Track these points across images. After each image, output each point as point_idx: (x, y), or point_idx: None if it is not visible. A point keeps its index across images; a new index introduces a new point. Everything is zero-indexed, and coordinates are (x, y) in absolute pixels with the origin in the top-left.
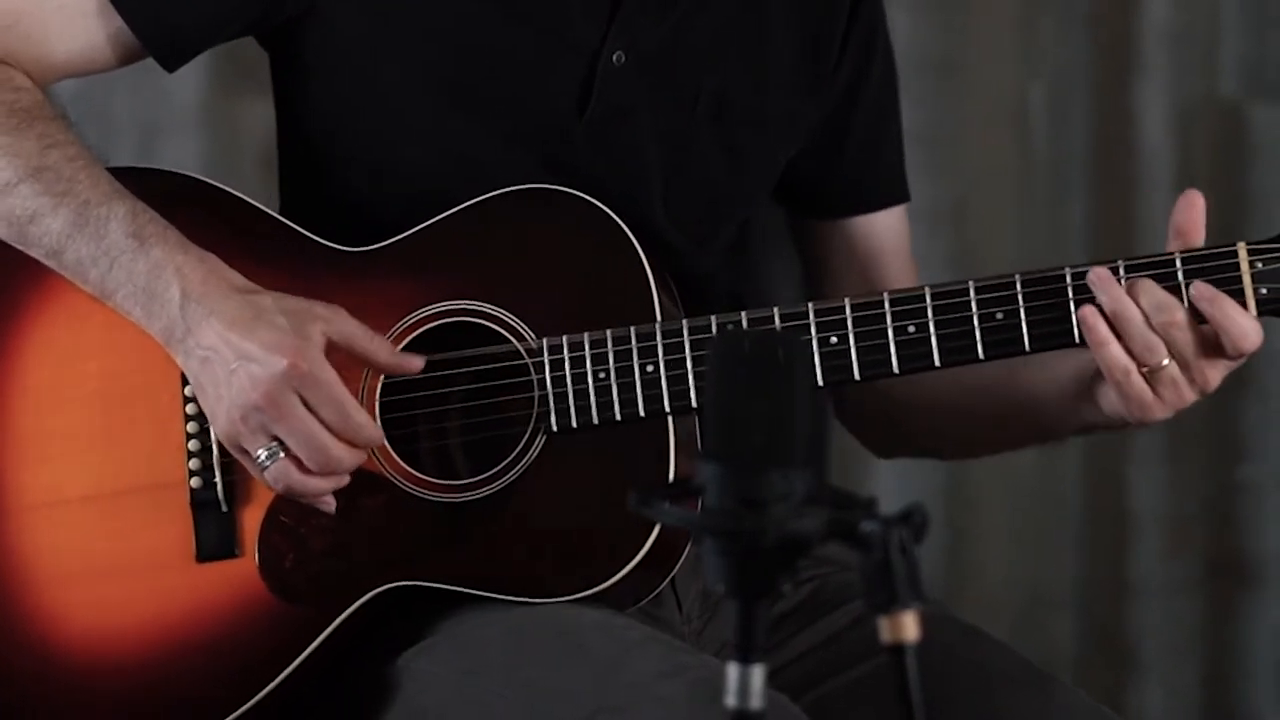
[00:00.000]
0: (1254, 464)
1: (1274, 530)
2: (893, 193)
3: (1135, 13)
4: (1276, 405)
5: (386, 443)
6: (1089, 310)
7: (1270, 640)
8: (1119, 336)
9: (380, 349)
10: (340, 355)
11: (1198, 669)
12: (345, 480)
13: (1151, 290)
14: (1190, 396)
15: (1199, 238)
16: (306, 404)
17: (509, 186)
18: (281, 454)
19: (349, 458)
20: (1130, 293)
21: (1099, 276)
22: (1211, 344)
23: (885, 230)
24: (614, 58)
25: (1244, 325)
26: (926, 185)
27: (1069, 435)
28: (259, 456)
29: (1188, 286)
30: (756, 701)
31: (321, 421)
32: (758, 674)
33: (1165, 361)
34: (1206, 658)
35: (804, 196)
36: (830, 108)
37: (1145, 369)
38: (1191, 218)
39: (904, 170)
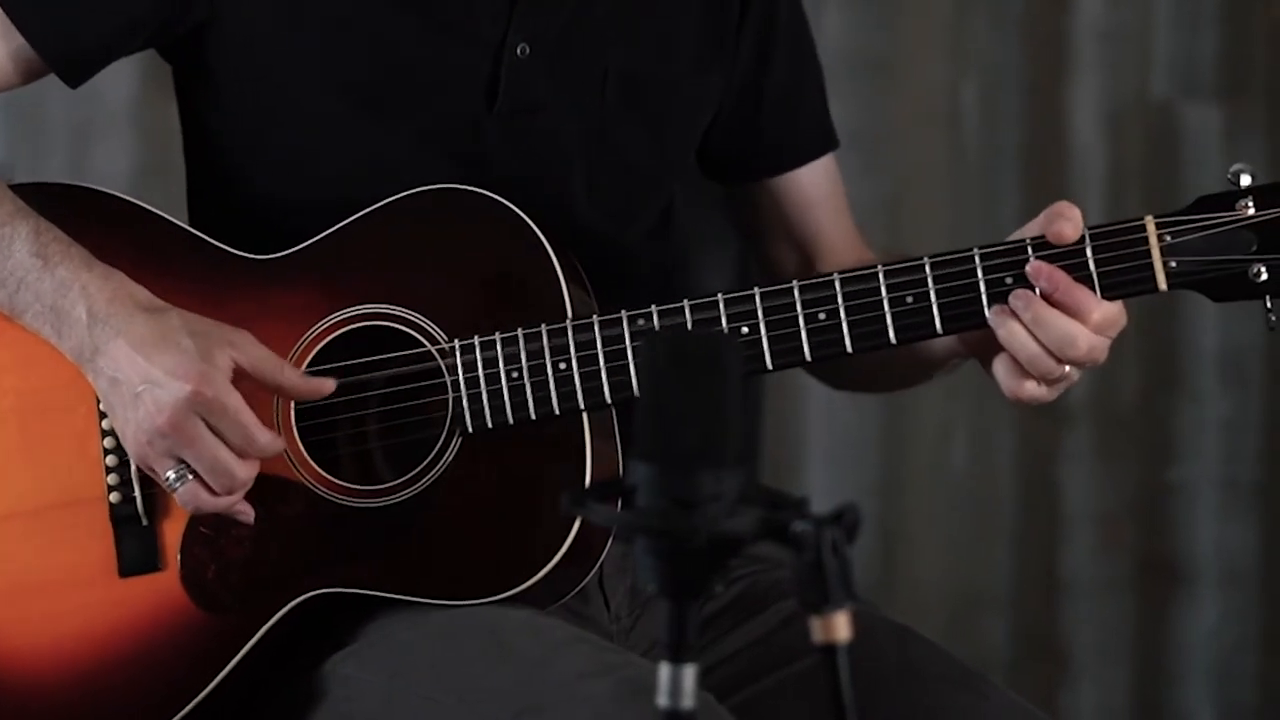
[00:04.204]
0: (1185, 464)
1: (1205, 530)
2: (816, 144)
3: (1067, 12)
4: (1207, 405)
5: (304, 450)
6: (1000, 310)
7: (1202, 639)
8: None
9: (289, 376)
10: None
11: (1130, 668)
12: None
13: (1051, 326)
14: (1076, 378)
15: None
16: (212, 428)
17: (420, 187)
18: (190, 477)
19: (254, 475)
20: (1031, 329)
21: (1021, 298)
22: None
23: (813, 181)
24: (518, 50)
25: (1071, 332)
26: (858, 183)
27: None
28: (168, 479)
29: (1096, 265)
30: (688, 701)
31: (227, 444)
32: (689, 674)
33: (1067, 369)
34: (1138, 657)
35: (728, 164)
36: (740, 72)
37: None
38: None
39: (829, 119)
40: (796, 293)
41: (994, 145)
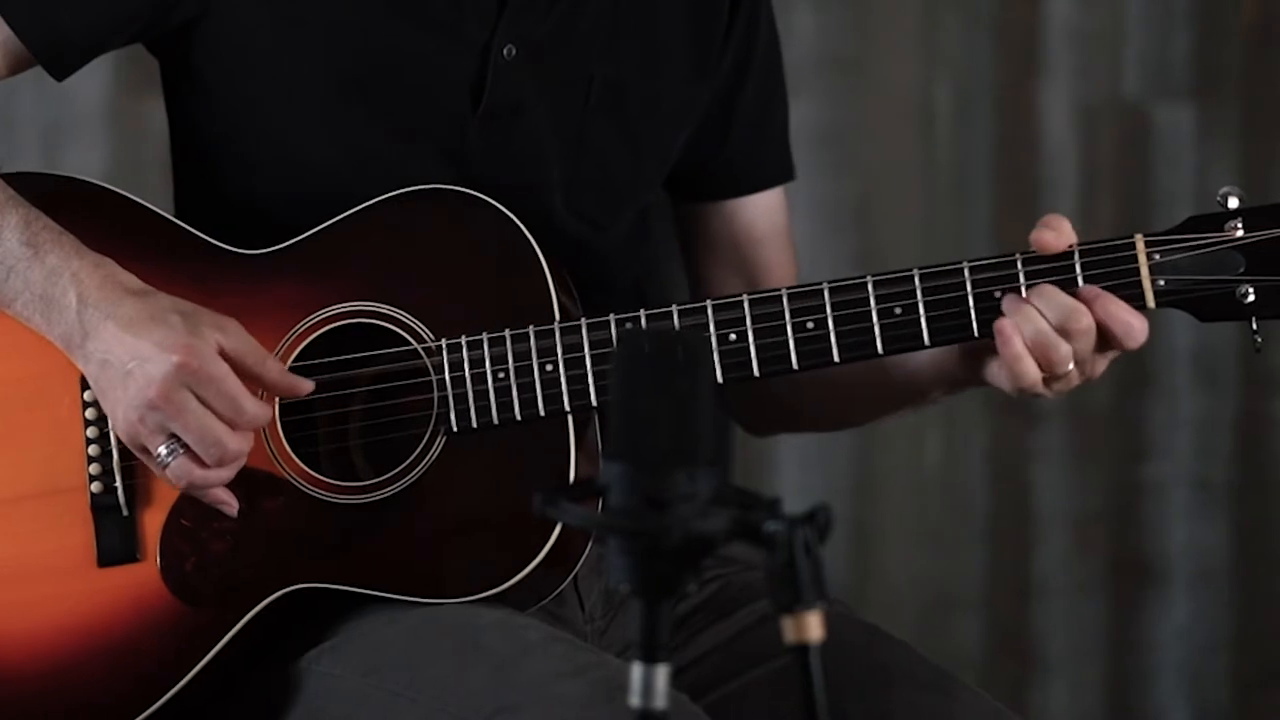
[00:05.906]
0: (1157, 463)
1: (1177, 529)
2: (776, 172)
3: (1039, 12)
4: (1179, 404)
5: (287, 445)
6: (1006, 324)
7: (1173, 639)
8: (1029, 349)
9: (271, 368)
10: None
11: (1102, 668)
12: (241, 462)
13: (1054, 299)
14: (1076, 383)
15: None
16: (201, 399)
17: (408, 184)
18: (181, 451)
19: (247, 448)
20: (1034, 303)
21: (1011, 304)
22: (1103, 339)
23: (765, 211)
24: (505, 51)
25: (1129, 321)
26: (830, 183)
27: (932, 401)
28: (159, 454)
29: (1085, 281)
30: (660, 701)
31: (217, 415)
32: (661, 674)
33: (1070, 366)
34: (1110, 657)
35: (687, 179)
36: (718, 90)
37: (1048, 376)
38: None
39: (789, 151)
40: (785, 300)
41: (965, 146)
